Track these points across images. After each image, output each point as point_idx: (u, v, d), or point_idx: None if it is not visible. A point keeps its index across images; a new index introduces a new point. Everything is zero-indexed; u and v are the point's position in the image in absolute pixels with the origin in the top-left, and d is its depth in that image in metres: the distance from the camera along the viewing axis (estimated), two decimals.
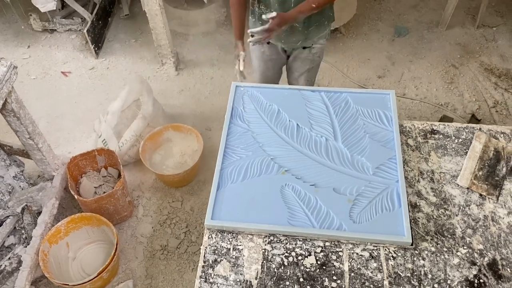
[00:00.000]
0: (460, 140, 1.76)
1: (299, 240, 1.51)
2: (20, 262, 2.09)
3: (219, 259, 1.48)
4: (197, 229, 2.48)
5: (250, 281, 1.42)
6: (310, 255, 1.47)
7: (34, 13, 3.44)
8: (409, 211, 1.55)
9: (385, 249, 1.48)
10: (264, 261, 1.47)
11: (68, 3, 3.36)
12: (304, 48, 2.15)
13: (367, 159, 1.68)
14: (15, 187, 2.30)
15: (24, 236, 2.20)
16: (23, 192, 2.30)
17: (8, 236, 2.17)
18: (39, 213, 2.26)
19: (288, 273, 1.44)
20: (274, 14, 1.81)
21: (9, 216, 2.18)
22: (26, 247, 2.13)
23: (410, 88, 3.15)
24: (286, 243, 1.51)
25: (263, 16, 1.85)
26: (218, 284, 1.43)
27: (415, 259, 1.46)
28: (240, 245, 1.51)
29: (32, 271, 2.07)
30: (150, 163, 2.61)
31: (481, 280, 1.41)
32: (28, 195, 2.28)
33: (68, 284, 2.05)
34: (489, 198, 1.59)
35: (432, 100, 3.06)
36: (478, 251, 1.47)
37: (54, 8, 3.19)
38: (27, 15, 3.50)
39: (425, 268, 1.44)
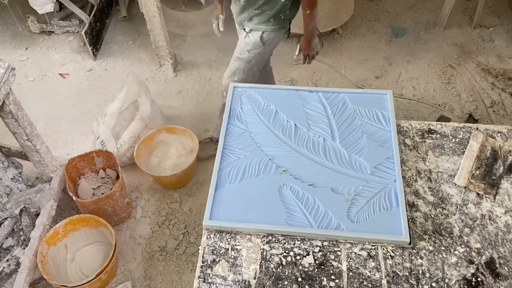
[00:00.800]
0: (457, 139, 1.77)
1: (298, 240, 1.51)
2: (18, 264, 2.09)
3: (217, 259, 1.48)
4: (196, 230, 2.49)
5: (249, 281, 1.43)
6: (308, 254, 1.48)
7: (32, 15, 3.44)
8: (406, 211, 1.55)
9: (383, 249, 1.48)
10: (263, 261, 1.47)
11: (65, 5, 3.37)
12: (244, 29, 2.23)
13: (365, 159, 1.68)
14: (13, 189, 2.30)
15: (22, 238, 2.20)
16: (21, 194, 2.29)
17: (6, 238, 2.17)
18: (37, 214, 2.26)
19: (287, 272, 1.44)
20: (297, 50, 2.19)
21: (7, 218, 2.17)
22: (24, 249, 2.13)
23: (407, 88, 3.15)
24: (285, 243, 1.51)
25: (294, 61, 2.32)
26: (217, 284, 1.43)
27: (413, 258, 1.46)
28: (238, 245, 1.51)
29: (31, 273, 2.07)
30: (147, 167, 2.61)
31: (479, 279, 1.41)
32: (26, 197, 2.27)
33: (66, 286, 2.05)
34: (486, 197, 1.60)
35: (429, 100, 3.07)
36: (475, 250, 1.47)
37: (52, 10, 3.19)
38: (25, 17, 3.50)
39: (423, 267, 1.44)
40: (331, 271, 1.44)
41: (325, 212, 1.55)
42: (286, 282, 1.42)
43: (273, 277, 1.43)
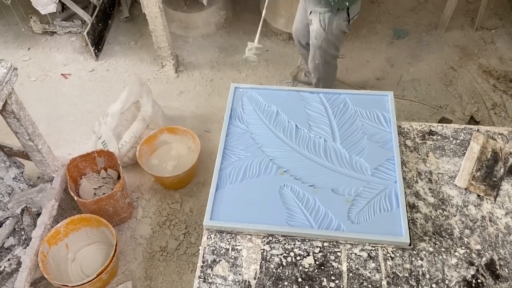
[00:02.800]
0: (458, 141, 1.77)
1: (298, 241, 1.51)
2: (19, 263, 2.10)
3: (218, 259, 1.49)
4: (196, 231, 2.49)
5: (249, 281, 1.43)
6: (308, 255, 1.48)
7: (35, 16, 3.46)
8: (407, 212, 1.55)
9: (383, 250, 1.48)
10: (263, 261, 1.47)
11: (68, 6, 3.38)
12: (310, 13, 2.27)
13: (366, 160, 1.69)
14: (14, 189, 2.30)
15: (23, 237, 2.20)
16: (22, 193, 2.30)
17: (8, 238, 2.17)
18: (39, 214, 2.26)
19: (287, 273, 1.44)
20: None
21: (8, 217, 2.18)
22: (25, 248, 2.14)
23: (409, 90, 3.15)
24: (285, 244, 1.51)
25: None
26: (217, 284, 1.43)
27: (413, 259, 1.46)
28: (238, 246, 1.51)
29: (32, 272, 2.07)
30: (148, 167, 2.61)
31: (479, 280, 1.41)
32: (27, 197, 2.28)
33: (67, 285, 2.05)
34: (486, 198, 1.60)
35: (431, 102, 3.07)
36: (476, 252, 1.47)
37: (55, 11, 3.20)
38: (28, 18, 3.51)
39: (423, 269, 1.44)
40: (331, 272, 1.44)
41: (325, 213, 1.55)
42: (286, 283, 1.42)
43: (273, 278, 1.43)
